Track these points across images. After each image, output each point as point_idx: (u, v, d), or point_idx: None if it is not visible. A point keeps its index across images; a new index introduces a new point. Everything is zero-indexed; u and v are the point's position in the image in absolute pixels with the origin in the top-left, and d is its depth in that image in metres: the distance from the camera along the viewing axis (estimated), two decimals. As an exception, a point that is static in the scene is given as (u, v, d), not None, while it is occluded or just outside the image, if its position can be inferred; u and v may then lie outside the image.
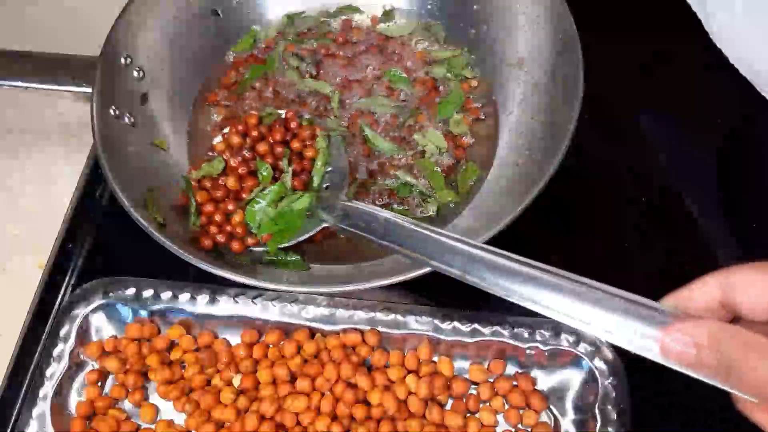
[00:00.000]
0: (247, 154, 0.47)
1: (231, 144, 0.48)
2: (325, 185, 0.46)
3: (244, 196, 0.46)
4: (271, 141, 0.48)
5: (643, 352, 0.26)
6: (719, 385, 0.25)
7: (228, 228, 0.45)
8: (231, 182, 0.46)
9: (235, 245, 0.45)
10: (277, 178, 0.46)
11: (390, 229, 0.38)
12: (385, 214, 0.39)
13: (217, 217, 0.46)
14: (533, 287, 0.30)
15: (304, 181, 0.46)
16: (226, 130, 0.49)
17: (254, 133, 0.48)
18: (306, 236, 0.44)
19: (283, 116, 0.50)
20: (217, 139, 0.49)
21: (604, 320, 0.27)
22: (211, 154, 0.51)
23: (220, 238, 0.45)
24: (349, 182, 0.48)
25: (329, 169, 0.47)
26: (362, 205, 0.42)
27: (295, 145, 0.48)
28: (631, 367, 0.41)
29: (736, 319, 0.27)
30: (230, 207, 0.46)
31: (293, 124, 0.49)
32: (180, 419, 0.43)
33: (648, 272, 0.48)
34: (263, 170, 0.46)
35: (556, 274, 0.30)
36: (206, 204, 0.46)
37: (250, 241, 0.45)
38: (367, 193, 0.49)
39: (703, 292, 0.27)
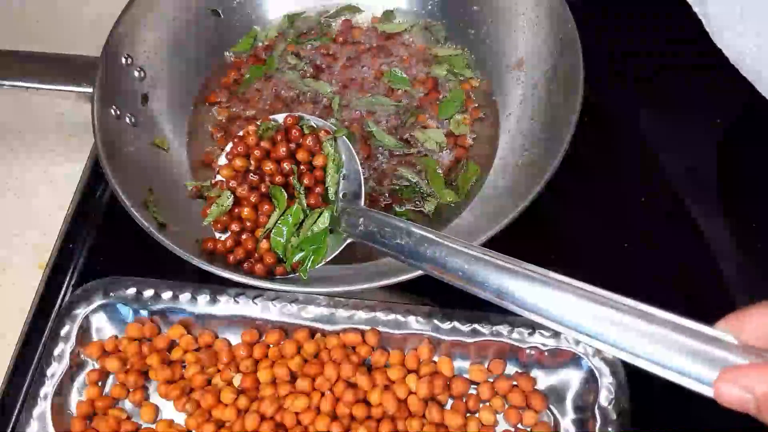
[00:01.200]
0: (253, 177, 0.44)
1: (236, 168, 0.44)
2: (342, 193, 0.44)
3: (262, 220, 0.43)
4: (276, 157, 0.44)
5: (698, 390, 0.25)
6: None
7: (257, 256, 0.43)
8: (246, 213, 0.43)
9: (260, 268, 0.43)
10: (293, 195, 0.44)
11: (418, 244, 0.35)
12: (414, 228, 0.36)
13: (241, 253, 0.43)
14: (579, 315, 0.28)
15: (319, 194, 0.43)
16: (228, 148, 0.46)
17: (257, 153, 0.44)
18: (333, 256, 0.42)
19: (282, 123, 0.46)
20: (222, 161, 0.46)
21: (653, 352, 0.26)
22: (214, 178, 0.47)
23: (248, 266, 0.43)
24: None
25: (343, 173, 0.44)
26: (384, 216, 0.39)
27: (301, 155, 0.44)
28: (630, 366, 0.41)
29: None
30: (250, 244, 0.43)
31: (295, 132, 0.45)
32: (180, 419, 0.43)
33: (648, 273, 0.48)
34: (277, 195, 0.43)
35: (602, 296, 0.28)
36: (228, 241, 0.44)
37: (279, 270, 0.43)
38: (368, 195, 0.49)
39: (760, 318, 0.25)
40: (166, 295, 0.45)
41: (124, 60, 0.50)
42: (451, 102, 0.53)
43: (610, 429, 0.40)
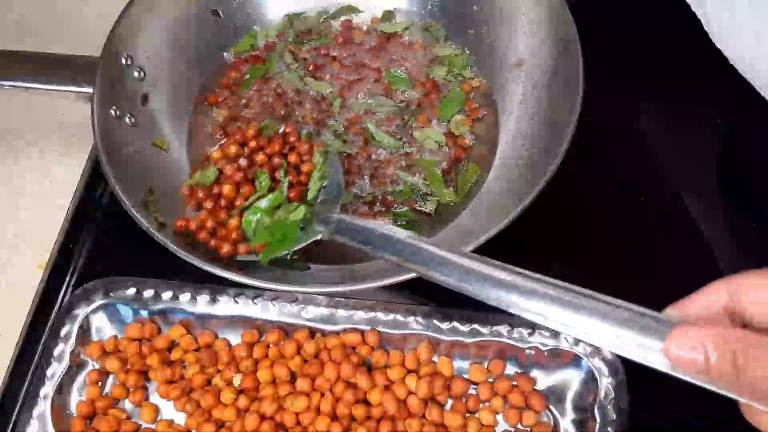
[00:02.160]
0: (243, 163, 0.47)
1: (228, 154, 0.48)
2: (319, 199, 0.46)
3: (238, 203, 0.46)
4: (269, 152, 0.48)
5: (651, 364, 0.26)
6: (728, 394, 0.24)
7: (223, 232, 0.45)
8: (227, 190, 0.46)
9: (226, 248, 0.44)
10: (274, 189, 0.46)
11: (384, 242, 0.38)
12: (380, 228, 0.39)
13: (209, 224, 0.45)
14: (532, 299, 0.29)
15: (300, 192, 0.46)
16: (223, 141, 0.49)
17: (252, 144, 0.48)
18: (298, 247, 0.43)
19: (282, 130, 0.50)
20: (214, 148, 0.49)
21: (606, 332, 0.27)
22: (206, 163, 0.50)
23: (212, 243, 0.45)
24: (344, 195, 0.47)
25: (325, 183, 0.46)
26: (356, 219, 0.42)
27: (293, 158, 0.47)
28: (630, 367, 0.41)
29: (742, 327, 0.26)
30: (222, 215, 0.46)
31: (292, 138, 0.49)
32: (180, 419, 0.43)
33: (648, 273, 0.48)
34: (262, 179, 0.46)
35: (552, 284, 0.29)
36: (200, 213, 0.46)
37: (241, 248, 0.45)
38: (366, 197, 0.49)
39: (707, 299, 0.26)
40: (166, 295, 0.45)
41: (124, 60, 0.50)
42: (451, 102, 0.53)
43: (609, 429, 0.40)
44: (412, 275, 0.39)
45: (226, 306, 0.45)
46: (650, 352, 0.26)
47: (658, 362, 0.26)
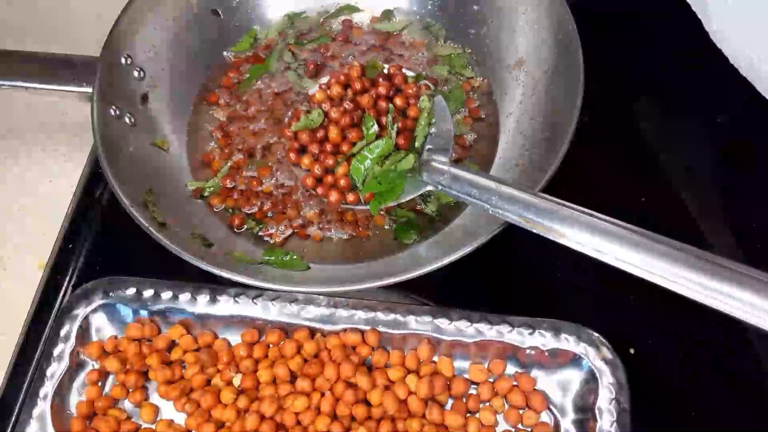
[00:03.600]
0: (347, 105, 0.44)
1: (332, 95, 0.45)
2: (427, 147, 0.44)
3: (344, 149, 0.44)
4: (375, 95, 0.45)
5: None
6: None
7: (330, 179, 0.44)
8: (333, 134, 0.43)
9: (334, 196, 0.43)
10: (381, 135, 0.44)
11: (504, 200, 0.37)
12: (499, 184, 0.38)
13: (317, 170, 0.44)
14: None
15: (407, 139, 0.44)
16: (324, 80, 0.47)
17: (357, 86, 0.46)
18: (406, 199, 0.43)
19: (387, 70, 0.47)
20: (314, 90, 0.47)
21: None
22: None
23: (322, 191, 0.44)
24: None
25: (432, 131, 0.45)
26: (470, 171, 0.41)
27: (399, 102, 0.45)
28: (631, 366, 0.41)
29: None
30: (329, 162, 0.44)
31: (398, 79, 0.46)
32: (180, 419, 0.43)
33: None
34: (370, 125, 0.43)
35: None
36: (305, 158, 0.45)
37: (350, 197, 0.43)
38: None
39: None
40: (166, 295, 0.45)
41: (124, 60, 0.50)
42: (452, 102, 0.53)
43: (610, 429, 0.40)
44: (413, 275, 0.39)
45: (226, 306, 0.45)
46: None
47: None
